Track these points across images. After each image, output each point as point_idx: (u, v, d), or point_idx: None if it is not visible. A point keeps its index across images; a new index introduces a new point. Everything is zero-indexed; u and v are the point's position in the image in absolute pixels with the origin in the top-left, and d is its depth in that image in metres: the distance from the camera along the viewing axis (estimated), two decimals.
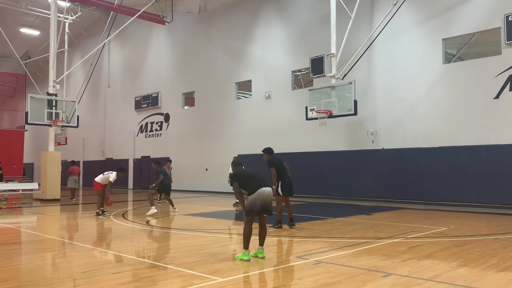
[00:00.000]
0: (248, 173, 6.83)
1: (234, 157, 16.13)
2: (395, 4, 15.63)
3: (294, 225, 9.70)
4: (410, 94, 16.35)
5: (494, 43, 14.72)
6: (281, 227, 9.48)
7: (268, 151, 9.78)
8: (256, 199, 6.35)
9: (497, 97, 14.30)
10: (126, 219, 11.89)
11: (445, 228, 9.48)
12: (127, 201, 19.64)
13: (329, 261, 6.22)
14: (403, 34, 16.66)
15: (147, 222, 11.10)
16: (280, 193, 9.61)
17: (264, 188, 6.44)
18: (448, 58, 15.99)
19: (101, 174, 12.54)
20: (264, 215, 6.52)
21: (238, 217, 12.70)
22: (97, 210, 12.46)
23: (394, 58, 16.89)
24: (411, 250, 7.04)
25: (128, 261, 6.41)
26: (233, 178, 6.66)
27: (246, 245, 6.36)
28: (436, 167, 15.20)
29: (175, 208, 13.38)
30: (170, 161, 18.60)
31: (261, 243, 6.55)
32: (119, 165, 14.04)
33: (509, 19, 13.92)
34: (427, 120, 15.82)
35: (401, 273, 5.48)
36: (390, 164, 16.41)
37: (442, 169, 15.05)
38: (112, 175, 12.21)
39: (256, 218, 6.50)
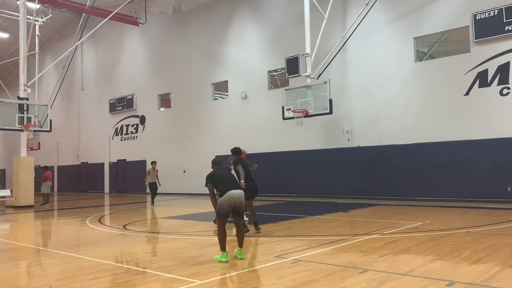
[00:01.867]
0: (222, 174, 6.76)
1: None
2: (367, 4, 15.86)
3: (259, 228, 9.04)
4: (383, 92, 16.63)
5: (463, 41, 15.12)
6: (247, 230, 8.56)
7: (236, 152, 9.13)
8: (224, 202, 6.35)
9: (467, 93, 14.69)
10: (102, 224, 11.72)
11: (420, 223, 9.69)
12: (104, 205, 19.34)
13: (307, 259, 6.27)
14: (375, 33, 16.94)
15: (124, 226, 10.96)
16: None
17: (233, 191, 6.40)
18: (420, 57, 16.34)
19: None
20: (237, 217, 6.52)
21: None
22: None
23: (367, 57, 17.15)
24: (387, 245, 7.17)
25: (106, 266, 6.32)
26: (208, 180, 6.63)
27: (222, 247, 6.35)
28: (410, 163, 15.52)
29: None
30: (155, 162, 17.27)
31: (240, 244, 6.56)
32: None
33: (477, 18, 14.32)
34: (401, 117, 16.12)
35: (378, 269, 5.58)
36: (365, 162, 16.65)
37: (416, 165, 15.38)
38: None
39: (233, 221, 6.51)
